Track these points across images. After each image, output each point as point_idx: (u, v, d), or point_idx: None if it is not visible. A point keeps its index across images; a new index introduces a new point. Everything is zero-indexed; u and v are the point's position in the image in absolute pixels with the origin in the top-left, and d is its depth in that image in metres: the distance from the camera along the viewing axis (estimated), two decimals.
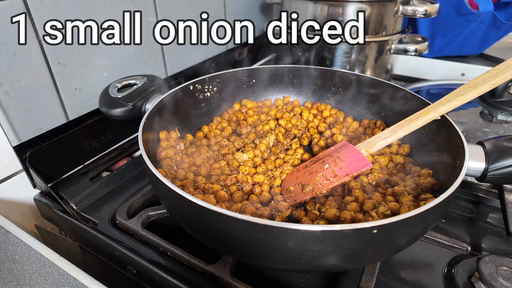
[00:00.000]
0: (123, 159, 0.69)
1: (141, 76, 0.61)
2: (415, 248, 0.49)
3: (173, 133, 0.59)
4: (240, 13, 0.93)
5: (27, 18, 0.51)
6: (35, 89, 0.55)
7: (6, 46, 0.50)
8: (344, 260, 0.37)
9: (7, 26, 0.49)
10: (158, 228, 0.51)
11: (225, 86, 0.68)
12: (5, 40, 0.50)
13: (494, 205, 0.56)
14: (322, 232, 0.33)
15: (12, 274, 0.39)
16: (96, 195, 0.58)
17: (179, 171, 0.52)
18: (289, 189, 0.51)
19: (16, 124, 0.54)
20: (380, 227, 0.33)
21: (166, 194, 0.41)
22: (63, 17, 0.55)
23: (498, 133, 0.66)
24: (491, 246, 0.51)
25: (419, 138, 0.57)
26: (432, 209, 0.35)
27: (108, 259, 0.51)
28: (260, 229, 0.33)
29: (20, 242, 0.44)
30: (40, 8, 0.52)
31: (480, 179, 0.44)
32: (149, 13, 0.69)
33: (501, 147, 0.44)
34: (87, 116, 0.64)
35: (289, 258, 0.36)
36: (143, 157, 0.43)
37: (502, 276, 0.41)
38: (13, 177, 0.57)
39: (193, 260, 0.45)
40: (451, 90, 0.49)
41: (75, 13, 0.56)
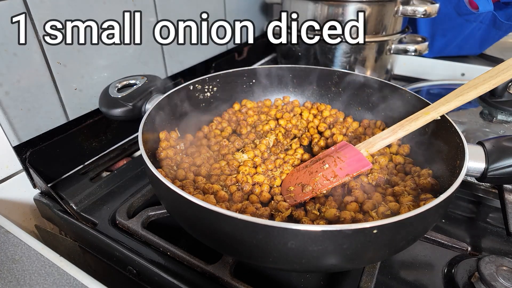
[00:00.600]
0: (123, 159, 0.69)
1: (141, 76, 0.61)
2: (415, 248, 0.49)
3: (173, 133, 0.59)
4: (240, 13, 0.93)
5: (27, 18, 0.51)
6: (35, 89, 0.55)
7: (6, 46, 0.50)
8: (344, 260, 0.37)
9: (7, 26, 0.49)
10: (158, 228, 0.51)
11: (225, 86, 0.68)
12: (5, 40, 0.50)
13: (494, 205, 0.56)
14: (322, 232, 0.33)
15: (12, 274, 0.39)
16: (96, 195, 0.58)
17: (179, 171, 0.52)
18: (289, 189, 0.51)
19: (16, 124, 0.54)
20: (380, 227, 0.33)
21: (166, 194, 0.41)
22: (63, 17, 0.55)
23: (498, 133, 0.66)
24: (491, 246, 0.51)
25: (419, 138, 0.57)
26: (432, 209, 0.35)
27: (108, 259, 0.51)
28: (260, 229, 0.33)
29: (20, 242, 0.44)
30: (40, 8, 0.52)
31: (480, 179, 0.44)
32: (149, 13, 0.69)
33: (501, 147, 0.44)
34: (87, 116, 0.64)
35: (289, 258, 0.36)
36: (143, 157, 0.43)
37: (502, 276, 0.41)
38: (13, 177, 0.57)
39: (193, 260, 0.45)
40: (451, 90, 0.49)
41: (75, 13, 0.56)
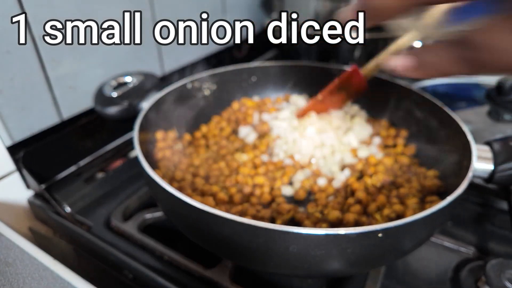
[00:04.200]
0: (119, 159, 0.68)
1: (137, 74, 0.60)
2: (421, 251, 0.48)
3: (171, 133, 0.58)
4: (239, 10, 0.92)
5: (21, 17, 0.50)
6: (28, 87, 0.54)
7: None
8: (348, 264, 0.36)
9: (0, 24, 0.48)
10: (154, 231, 0.50)
11: (223, 84, 0.67)
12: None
13: (502, 207, 0.55)
14: (325, 236, 0.32)
15: (5, 277, 0.39)
16: (91, 196, 0.58)
17: (177, 172, 0.51)
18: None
19: (9, 124, 0.53)
20: (385, 230, 0.32)
21: (162, 196, 0.40)
22: (62, 17, 0.54)
23: (505, 133, 0.65)
24: (498, 249, 0.50)
25: (424, 139, 0.56)
26: (439, 211, 0.34)
27: (103, 263, 0.50)
28: (260, 232, 0.33)
29: (13, 244, 0.43)
30: (36, 7, 0.51)
31: (487, 180, 0.43)
32: (149, 13, 0.68)
33: (509, 147, 0.43)
34: (81, 115, 0.63)
35: (290, 262, 0.35)
36: (139, 158, 0.42)
37: (509, 280, 0.40)
38: (6, 178, 0.55)
39: (191, 265, 0.44)
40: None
41: (72, 13, 0.56)
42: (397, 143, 0.58)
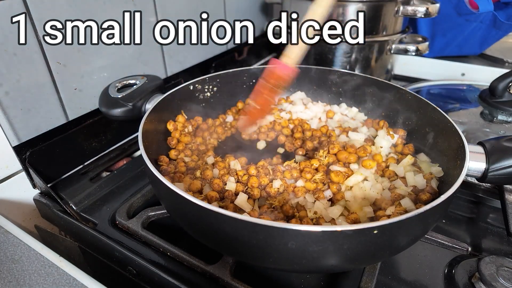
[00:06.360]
0: (123, 159, 0.69)
1: (141, 76, 0.61)
2: (416, 248, 0.49)
3: (180, 117, 0.61)
4: (240, 13, 0.93)
5: (27, 18, 0.51)
6: (35, 89, 0.55)
7: (6, 46, 0.50)
8: (345, 260, 0.37)
9: (7, 26, 0.49)
10: (158, 229, 0.51)
11: (225, 86, 0.68)
12: (5, 40, 0.50)
13: (495, 205, 0.56)
14: (322, 233, 0.33)
15: (12, 274, 0.39)
16: (96, 195, 0.58)
17: (186, 179, 0.51)
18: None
19: (16, 124, 0.54)
20: (380, 227, 0.33)
21: (166, 194, 0.41)
22: (63, 17, 0.55)
23: (498, 134, 0.66)
24: (492, 246, 0.51)
25: (420, 138, 0.57)
26: (433, 209, 0.35)
27: (108, 260, 0.51)
28: (260, 229, 0.34)
29: (19, 242, 0.44)
30: (40, 8, 0.52)
31: (480, 179, 0.44)
32: (149, 13, 0.69)
33: (501, 147, 0.44)
34: (87, 116, 0.64)
35: (289, 258, 0.36)
36: (143, 157, 0.43)
37: (503, 276, 0.41)
38: (13, 177, 0.56)
39: (193, 261, 0.45)
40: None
41: (75, 13, 0.56)
42: (397, 143, 0.59)
